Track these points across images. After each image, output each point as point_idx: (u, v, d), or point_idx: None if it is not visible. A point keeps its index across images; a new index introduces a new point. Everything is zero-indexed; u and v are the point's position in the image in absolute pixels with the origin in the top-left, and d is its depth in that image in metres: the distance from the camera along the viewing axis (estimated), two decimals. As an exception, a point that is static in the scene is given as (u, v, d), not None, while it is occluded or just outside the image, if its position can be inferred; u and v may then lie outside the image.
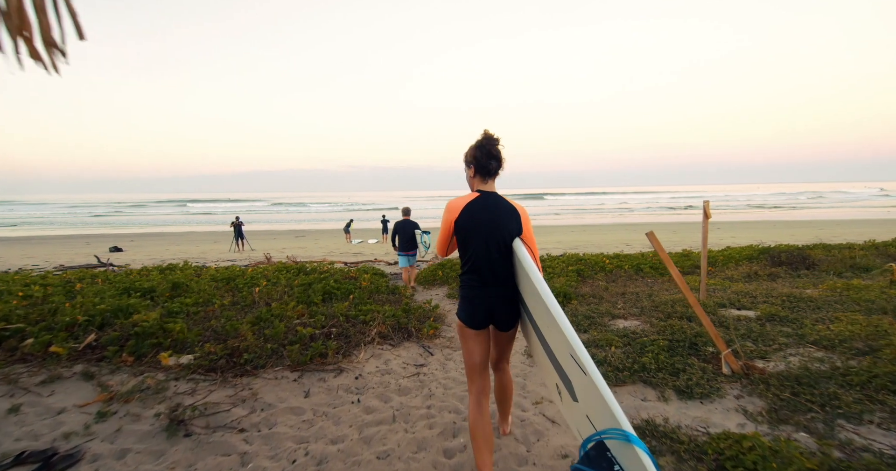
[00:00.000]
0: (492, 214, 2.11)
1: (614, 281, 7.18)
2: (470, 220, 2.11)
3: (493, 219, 2.10)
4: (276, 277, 7.59)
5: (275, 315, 4.59)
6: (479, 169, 2.19)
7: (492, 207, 2.13)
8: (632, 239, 19.89)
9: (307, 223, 37.88)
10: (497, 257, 2.10)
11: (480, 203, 2.13)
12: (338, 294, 6.11)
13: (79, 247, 22.16)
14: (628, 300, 5.62)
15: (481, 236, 2.10)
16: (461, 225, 2.13)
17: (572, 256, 9.42)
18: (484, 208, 2.12)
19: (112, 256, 17.52)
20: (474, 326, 2.18)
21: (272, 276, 7.90)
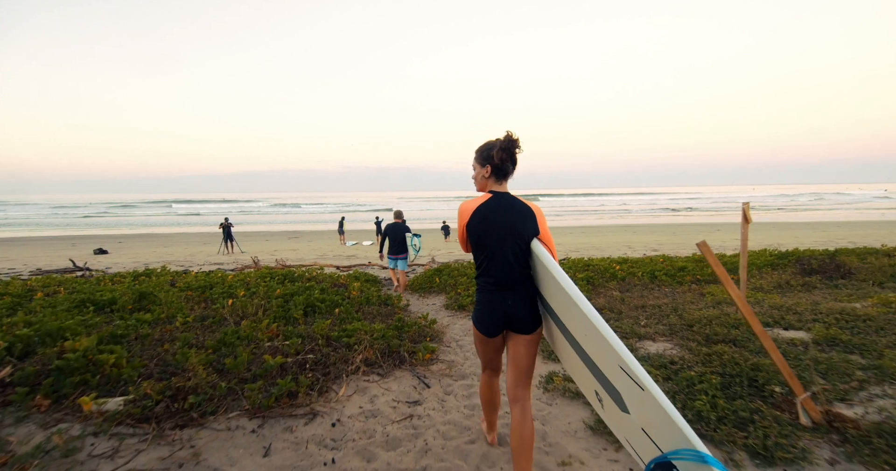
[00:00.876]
0: (506, 216, 2.03)
1: (628, 290, 6.45)
2: (483, 222, 2.04)
3: (508, 221, 2.02)
4: (256, 286, 6.82)
5: (242, 337, 3.83)
6: (496, 170, 2.10)
7: (506, 208, 2.04)
8: (633, 241, 19.21)
9: (301, 224, 37.00)
10: (513, 260, 2.02)
11: (494, 205, 2.05)
12: (322, 308, 5.34)
13: (63, 249, 21.25)
14: (651, 315, 4.89)
15: (496, 239, 2.02)
16: (473, 228, 2.06)
17: (579, 262, 8.69)
18: (498, 210, 2.04)
19: (95, 259, 16.67)
20: (489, 334, 2.13)
21: (253, 284, 7.13)
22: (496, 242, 2.02)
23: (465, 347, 4.58)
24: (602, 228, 28.93)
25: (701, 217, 38.43)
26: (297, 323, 4.89)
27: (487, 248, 2.04)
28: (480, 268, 2.11)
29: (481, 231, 2.04)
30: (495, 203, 2.06)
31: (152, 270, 9.29)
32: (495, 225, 2.02)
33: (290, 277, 8.33)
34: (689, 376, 2.95)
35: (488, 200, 2.07)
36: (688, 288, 6.38)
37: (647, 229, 26.18)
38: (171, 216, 48.41)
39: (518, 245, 2.02)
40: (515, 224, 2.02)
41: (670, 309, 5.07)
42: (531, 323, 2.08)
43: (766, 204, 56.23)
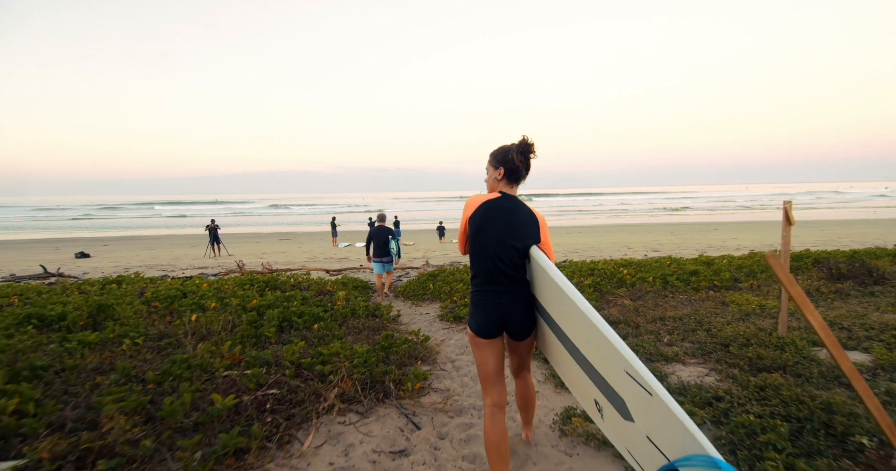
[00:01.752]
0: (510, 216, 2.01)
1: (640, 298, 5.82)
2: (485, 218, 2.02)
3: (511, 221, 2.01)
4: (232, 295, 6.12)
5: (193, 366, 3.14)
6: (509, 173, 2.09)
7: (512, 209, 2.03)
8: (632, 241, 18.63)
9: (294, 226, 36.17)
10: (510, 261, 1.98)
11: (500, 203, 2.04)
12: (299, 324, 4.66)
13: (46, 252, 20.38)
14: (674, 329, 4.25)
15: (495, 237, 1.99)
16: (475, 222, 2.03)
17: (583, 266, 8.05)
18: (503, 210, 2.02)
19: (76, 263, 15.85)
20: (486, 336, 2.05)
21: (229, 293, 6.43)
22: (493, 240, 1.99)
23: (462, 368, 3.93)
24: (599, 227, 28.38)
25: (697, 216, 38.02)
26: (268, 343, 4.20)
27: (483, 244, 2.01)
28: (476, 267, 2.07)
29: (482, 226, 2.01)
30: (502, 203, 2.03)
31: (124, 277, 8.56)
32: (497, 223, 2.00)
33: (272, 284, 7.64)
34: (748, 421, 2.30)
35: (496, 199, 2.04)
36: (705, 295, 5.75)
37: (644, 229, 25.65)
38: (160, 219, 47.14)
39: (515, 248, 1.98)
40: (518, 226, 2.00)
41: (694, 322, 4.43)
42: (527, 328, 2.07)
43: (763, 203, 56.00)
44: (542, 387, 3.34)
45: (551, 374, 3.47)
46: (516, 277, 2.00)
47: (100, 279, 8.46)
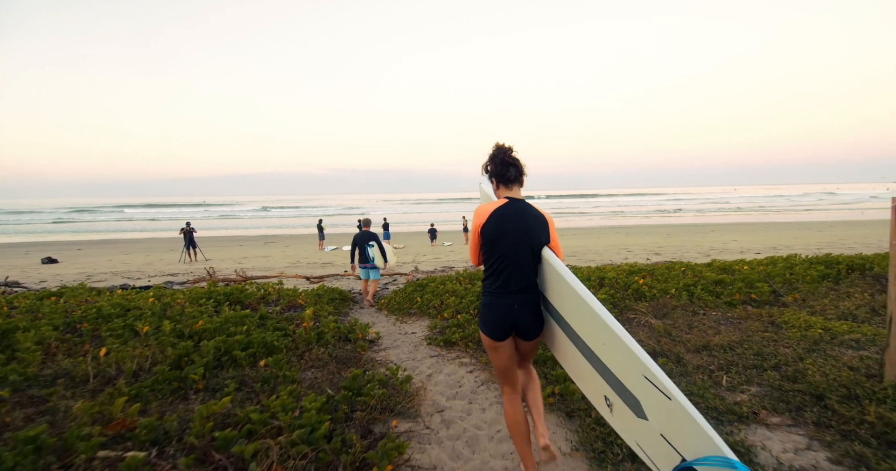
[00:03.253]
0: (521, 221, 2.02)
1: (667, 316, 4.80)
2: (498, 225, 2.02)
3: (522, 225, 2.01)
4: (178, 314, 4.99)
5: (46, 447, 2.03)
6: (498, 178, 2.15)
7: (520, 213, 2.04)
8: (630, 244, 17.71)
9: (281, 229, 34.79)
10: (524, 264, 2.01)
11: (509, 209, 2.04)
12: (243, 359, 3.54)
13: (14, 257, 18.92)
14: (729, 364, 3.22)
15: (509, 242, 2.00)
16: (488, 231, 2.03)
17: (590, 274, 7.02)
18: (513, 214, 2.03)
19: (38, 271, 14.51)
20: (498, 338, 2.05)
21: (176, 310, 5.30)
22: (509, 246, 2.00)
23: (454, 422, 2.86)
24: (594, 229, 27.48)
25: (690, 218, 37.38)
26: (193, 388, 3.09)
27: (499, 251, 2.01)
28: (490, 271, 2.06)
29: (495, 234, 2.02)
30: (510, 208, 2.04)
31: (66, 289, 7.37)
32: (510, 229, 2.00)
33: (235, 298, 6.50)
34: None
35: (504, 205, 2.05)
36: (745, 312, 4.74)
37: (640, 231, 24.80)
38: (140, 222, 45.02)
39: (530, 250, 2.00)
40: (530, 230, 2.01)
41: (752, 354, 3.40)
42: (535, 329, 2.07)
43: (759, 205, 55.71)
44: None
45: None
46: (530, 282, 2.03)
47: (36, 292, 7.26)
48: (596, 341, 1.77)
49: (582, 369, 1.95)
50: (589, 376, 1.91)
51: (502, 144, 2.15)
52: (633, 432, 1.74)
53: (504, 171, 2.11)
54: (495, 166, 2.13)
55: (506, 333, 2.04)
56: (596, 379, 1.85)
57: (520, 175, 2.13)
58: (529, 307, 2.02)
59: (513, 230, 1.99)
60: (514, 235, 1.99)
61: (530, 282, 2.02)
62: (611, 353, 1.71)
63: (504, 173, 2.11)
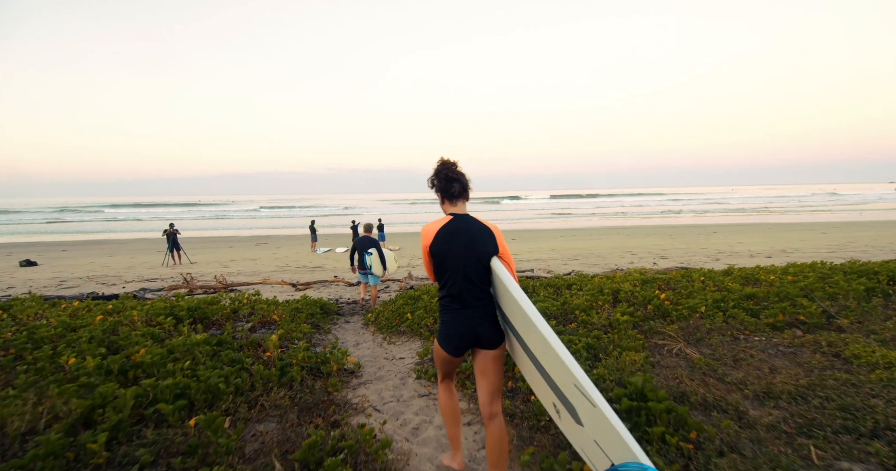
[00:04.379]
0: (467, 237, 2.03)
1: (702, 341, 3.98)
2: (445, 243, 2.02)
3: (469, 241, 2.02)
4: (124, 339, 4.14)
5: None
6: (443, 194, 2.13)
7: (466, 229, 2.04)
8: (633, 246, 16.92)
9: (274, 229, 33.80)
10: (475, 278, 2.01)
11: (454, 226, 2.05)
12: (170, 413, 2.69)
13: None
14: (808, 424, 2.42)
15: (458, 259, 2.00)
16: (436, 250, 2.04)
17: (605, 285, 6.20)
18: (458, 231, 2.04)
19: (13, 274, 13.61)
20: (456, 354, 2.07)
21: (123, 334, 4.46)
22: (458, 262, 1.99)
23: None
24: (594, 230, 26.69)
25: (691, 218, 36.65)
26: (91, 464, 2.25)
27: (450, 268, 2.01)
28: (444, 287, 2.06)
29: (443, 252, 2.01)
30: (455, 224, 2.04)
31: (15, 302, 6.50)
32: (456, 246, 2.00)
33: (201, 313, 5.67)
34: None
35: (448, 222, 2.05)
36: (794, 338, 3.94)
37: (641, 232, 24.02)
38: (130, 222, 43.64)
39: (479, 264, 2.00)
40: (476, 244, 2.01)
41: (833, 407, 2.58)
42: (496, 339, 2.06)
43: (756, 206, 55.08)
44: None
45: None
46: (483, 295, 2.04)
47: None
48: (538, 350, 1.82)
49: (534, 377, 1.98)
50: (540, 384, 1.95)
51: (447, 159, 2.14)
52: (577, 438, 1.79)
53: (448, 186, 2.09)
54: (440, 182, 2.11)
55: (465, 349, 2.07)
56: (545, 387, 1.89)
57: (464, 190, 2.12)
58: (487, 320, 2.04)
59: (460, 246, 2.01)
60: (461, 250, 2.00)
61: (484, 294, 2.05)
62: (549, 362, 1.76)
63: (448, 189, 2.10)
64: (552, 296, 5.97)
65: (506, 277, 1.93)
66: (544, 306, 5.02)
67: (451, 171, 2.10)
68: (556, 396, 1.81)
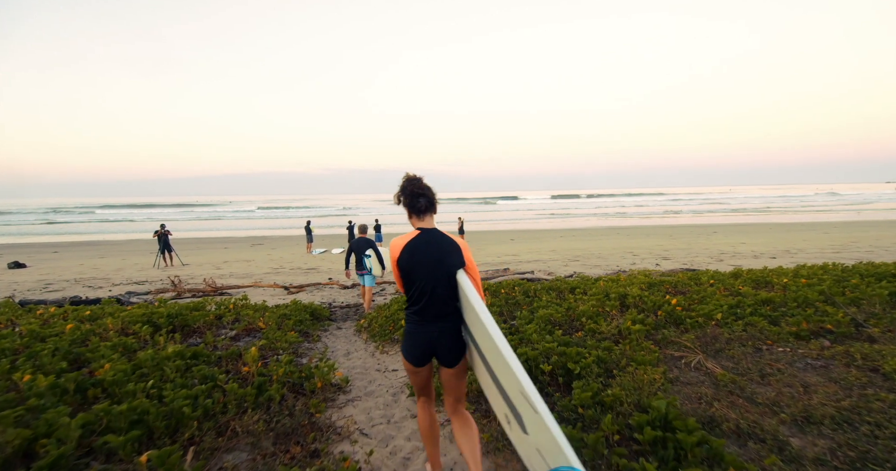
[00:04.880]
0: (434, 251, 2.04)
1: (722, 353, 3.62)
2: (412, 258, 2.04)
3: (436, 255, 2.04)
4: (91, 351, 3.77)
5: None
6: (409, 209, 2.15)
7: (432, 242, 2.06)
8: (634, 247, 16.58)
9: (271, 230, 33.36)
10: (441, 292, 2.03)
11: (421, 241, 2.06)
12: (120, 446, 2.32)
13: (-18, 261, 17.55)
14: (860, 458, 2.05)
15: (424, 273, 2.03)
16: (403, 264, 2.06)
17: (610, 289, 5.84)
18: (426, 245, 2.05)
19: (2, 276, 13.19)
20: (418, 364, 2.11)
21: (93, 345, 4.09)
22: (424, 277, 2.01)
23: None
24: (593, 231, 26.38)
25: (689, 218, 36.38)
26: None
27: (416, 282, 2.03)
28: (410, 300, 2.09)
29: (410, 266, 2.03)
30: (422, 239, 2.06)
31: (-13, 308, 6.11)
32: (423, 260, 2.02)
33: (182, 321, 5.29)
34: None
35: (416, 237, 2.07)
36: (823, 349, 3.59)
37: (641, 233, 23.70)
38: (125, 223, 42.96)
39: (446, 277, 2.02)
40: (442, 258, 2.02)
41: (888, 436, 2.24)
42: (454, 355, 2.07)
43: (755, 206, 54.86)
44: None
45: None
46: (449, 308, 2.05)
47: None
48: (493, 359, 1.84)
49: (490, 389, 2.01)
50: (496, 397, 1.97)
51: (412, 175, 2.16)
52: (522, 447, 1.81)
53: (414, 202, 2.11)
54: (406, 198, 2.12)
55: (426, 359, 2.11)
56: (500, 399, 1.92)
57: (430, 205, 2.14)
58: (449, 334, 2.06)
59: (426, 260, 2.02)
60: (427, 264, 2.02)
61: (449, 308, 2.06)
62: (500, 370, 1.79)
63: (414, 204, 2.11)
64: (555, 301, 5.62)
65: (469, 289, 1.95)
66: (548, 313, 4.67)
67: (416, 186, 2.11)
68: (507, 406, 1.85)
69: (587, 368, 3.10)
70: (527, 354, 3.30)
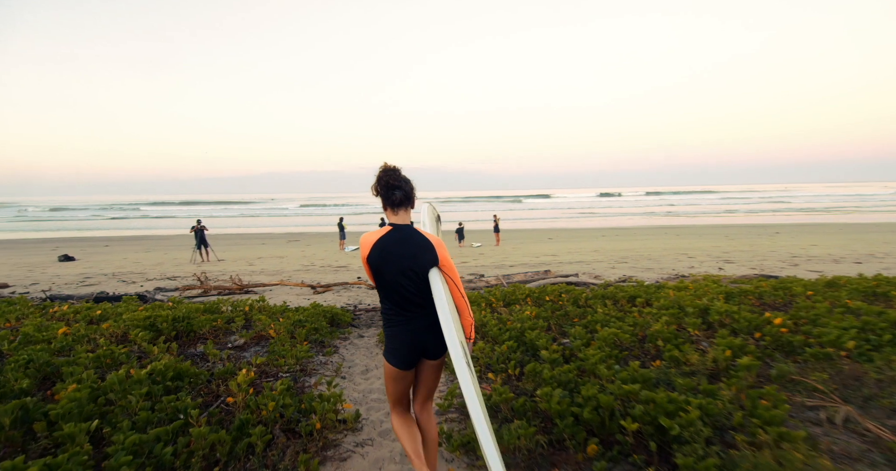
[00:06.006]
0: (404, 249, 1.95)
1: (872, 401, 2.54)
2: (382, 256, 1.95)
3: (406, 253, 1.94)
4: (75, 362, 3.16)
5: None
6: (385, 202, 2.02)
7: (404, 240, 1.96)
8: (688, 247, 15.00)
9: (307, 227, 33.51)
10: (414, 290, 1.95)
11: (392, 238, 1.96)
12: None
13: (40, 254, 18.30)
14: None
15: (395, 271, 1.94)
16: (373, 261, 1.96)
17: (684, 302, 4.73)
18: (396, 243, 1.95)
19: (46, 269, 13.48)
20: (405, 367, 2.01)
21: (78, 353, 3.51)
22: (396, 275, 1.94)
23: None
24: (639, 230, 24.59)
25: (744, 218, 33.55)
26: None
27: (388, 280, 1.96)
28: (384, 298, 2.02)
29: (380, 264, 1.95)
30: (393, 236, 1.97)
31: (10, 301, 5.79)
32: (393, 257, 1.94)
33: (185, 327, 4.68)
34: None
35: (387, 233, 1.98)
36: None
37: (691, 232, 21.79)
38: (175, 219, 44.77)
39: (416, 276, 1.94)
40: (414, 256, 1.94)
41: None
42: (441, 348, 2.01)
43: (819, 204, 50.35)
44: None
45: None
46: (424, 301, 1.97)
47: None
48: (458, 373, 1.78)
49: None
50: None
51: (389, 165, 2.01)
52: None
53: (389, 194, 1.98)
54: (381, 189, 2.00)
55: (413, 362, 2.02)
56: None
57: (407, 198, 2.00)
58: (431, 331, 1.98)
59: (396, 259, 1.93)
60: (398, 263, 1.93)
61: (423, 303, 1.98)
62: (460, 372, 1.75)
63: (389, 197, 1.98)
64: (615, 313, 4.58)
65: (437, 289, 1.88)
66: (611, 333, 3.66)
67: (391, 177, 1.98)
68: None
69: (690, 426, 2.11)
70: (597, 399, 2.35)
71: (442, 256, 1.99)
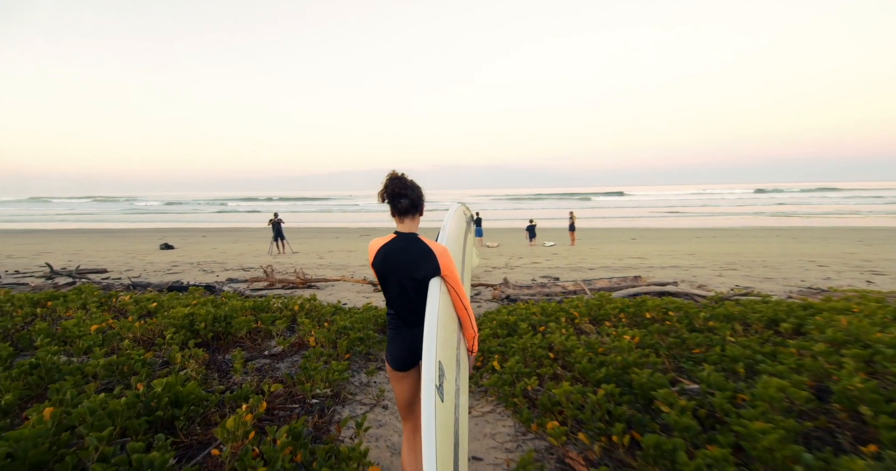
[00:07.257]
0: (405, 257, 1.92)
1: None
2: (384, 263, 1.94)
3: (406, 261, 1.92)
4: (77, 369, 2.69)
5: None
6: (392, 210, 2.00)
7: (405, 249, 1.93)
8: (812, 253, 12.25)
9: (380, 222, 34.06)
10: (414, 298, 1.93)
11: (395, 246, 1.95)
12: None
13: (148, 242, 20.23)
14: None
15: (396, 279, 1.94)
16: (377, 267, 1.96)
17: (870, 336, 3.21)
18: (397, 251, 1.93)
19: (147, 257, 14.61)
20: (399, 368, 2.00)
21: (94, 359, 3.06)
22: (395, 281, 1.95)
23: None
24: (741, 231, 21.23)
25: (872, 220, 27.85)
26: None
27: (390, 287, 1.98)
28: (388, 304, 2.03)
29: (383, 271, 1.96)
30: (395, 245, 1.96)
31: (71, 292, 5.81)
32: (394, 265, 1.93)
33: (222, 328, 4.17)
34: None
35: (391, 241, 1.97)
36: None
37: (810, 235, 18.21)
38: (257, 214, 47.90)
39: (416, 285, 1.92)
40: (412, 266, 1.91)
41: None
42: None
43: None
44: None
45: None
46: (422, 310, 1.90)
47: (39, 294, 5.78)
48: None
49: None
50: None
51: (396, 173, 1.96)
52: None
53: (395, 202, 1.94)
54: (387, 198, 1.95)
55: (409, 364, 1.97)
56: None
57: (413, 207, 1.95)
58: None
59: (396, 267, 1.92)
60: (398, 271, 1.92)
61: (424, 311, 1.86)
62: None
63: (395, 205, 1.95)
64: (756, 348, 3.20)
65: (431, 298, 1.79)
66: (781, 385, 2.35)
67: (397, 186, 1.92)
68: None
69: None
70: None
71: (444, 265, 1.90)
